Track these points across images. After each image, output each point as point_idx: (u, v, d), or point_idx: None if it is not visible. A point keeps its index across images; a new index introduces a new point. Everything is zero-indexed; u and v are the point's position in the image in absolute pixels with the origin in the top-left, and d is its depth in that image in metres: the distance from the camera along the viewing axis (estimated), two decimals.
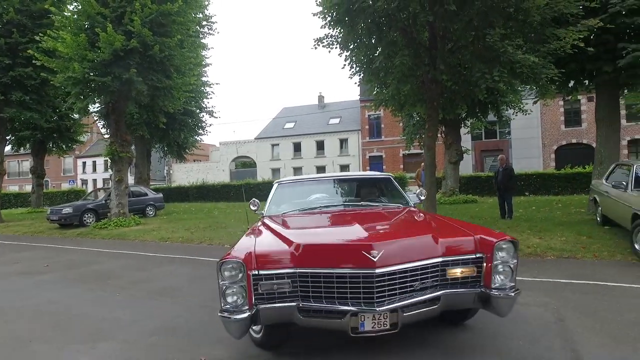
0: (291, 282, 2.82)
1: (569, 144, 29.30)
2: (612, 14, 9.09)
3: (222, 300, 2.84)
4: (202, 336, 3.79)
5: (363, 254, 2.72)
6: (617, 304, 4.21)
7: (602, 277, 5.26)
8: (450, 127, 14.70)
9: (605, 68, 9.81)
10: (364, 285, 2.71)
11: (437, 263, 2.89)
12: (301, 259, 2.83)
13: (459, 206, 14.06)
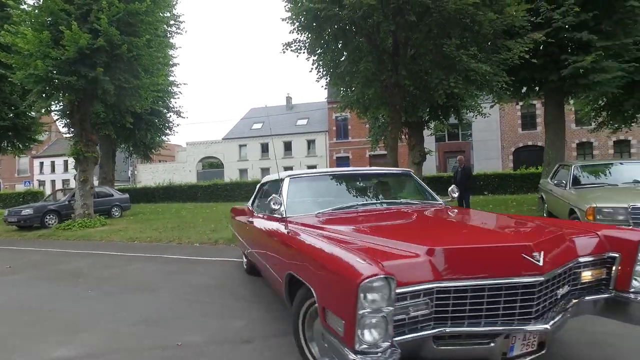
0: (429, 300, 2.12)
1: (525, 146, 30.87)
2: (556, 28, 9.90)
3: (357, 338, 1.94)
4: (178, 325, 4.03)
5: (524, 258, 2.20)
6: None
7: None
8: (414, 129, 15.35)
9: (551, 77, 10.65)
10: (523, 296, 2.19)
11: (576, 265, 2.57)
12: (442, 268, 2.15)
13: None
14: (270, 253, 3.65)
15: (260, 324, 3.91)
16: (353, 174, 4.63)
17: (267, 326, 3.85)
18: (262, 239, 4.14)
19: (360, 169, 4.85)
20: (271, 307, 4.41)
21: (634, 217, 5.84)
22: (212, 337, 3.67)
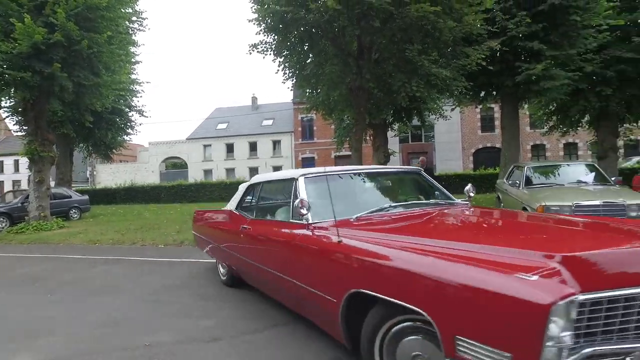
0: (581, 317, 1.78)
1: (485, 147, 32.13)
2: (510, 37, 10.48)
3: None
4: (146, 326, 4.03)
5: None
6: None
7: None
8: (378, 130, 15.71)
9: (507, 83, 11.25)
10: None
11: None
12: (588, 278, 1.82)
13: None
14: (300, 267, 3.14)
15: (230, 323, 3.97)
16: (369, 173, 4.13)
17: (237, 324, 3.93)
18: (278, 250, 3.55)
19: (371, 168, 4.38)
20: (239, 305, 4.48)
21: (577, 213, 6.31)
22: (181, 337, 3.70)
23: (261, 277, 4.03)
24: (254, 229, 4.10)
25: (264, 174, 4.80)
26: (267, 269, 3.75)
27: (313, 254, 2.98)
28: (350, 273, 2.55)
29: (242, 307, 4.44)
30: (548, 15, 10.66)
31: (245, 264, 4.29)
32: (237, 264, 4.61)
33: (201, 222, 5.89)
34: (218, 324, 3.95)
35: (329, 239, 2.87)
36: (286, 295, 3.61)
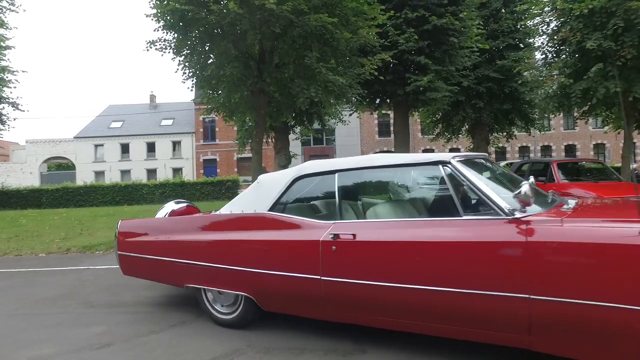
0: None
1: (382, 151, 34.39)
2: (401, 51, 11.53)
3: None
4: (24, 340, 3.73)
5: None
6: None
7: None
8: (280, 133, 16.02)
9: (398, 92, 12.32)
10: None
11: None
12: None
13: None
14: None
15: (122, 327, 3.85)
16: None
17: (130, 328, 3.83)
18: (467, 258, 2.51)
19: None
20: (132, 310, 4.35)
21: None
22: (66, 347, 3.50)
23: (394, 300, 2.78)
24: (367, 235, 2.91)
25: (325, 161, 3.49)
26: (416, 286, 2.64)
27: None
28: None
29: (136, 311, 4.32)
30: (432, 35, 11.93)
31: (342, 288, 2.95)
32: (308, 289, 3.11)
33: (165, 236, 3.94)
34: (110, 330, 3.81)
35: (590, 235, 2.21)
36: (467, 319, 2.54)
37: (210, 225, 3.82)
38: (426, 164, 2.99)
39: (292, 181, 3.44)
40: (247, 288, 3.41)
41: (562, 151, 35.81)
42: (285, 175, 3.58)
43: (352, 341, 3.24)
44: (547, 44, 11.45)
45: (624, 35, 8.62)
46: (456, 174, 2.77)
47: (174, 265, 3.80)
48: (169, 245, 3.86)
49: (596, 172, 10.28)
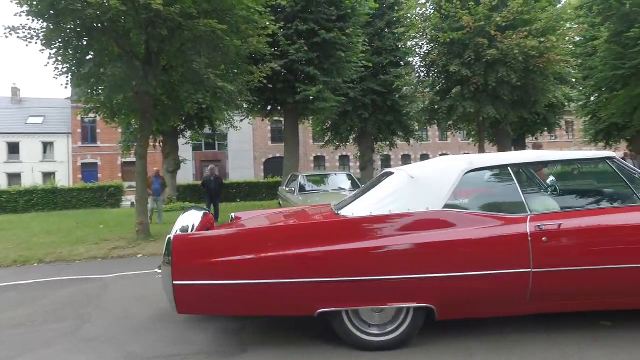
0: None
1: (274, 157, 34.74)
2: (291, 60, 11.95)
3: None
4: None
5: None
6: None
7: None
8: (168, 137, 15.37)
9: (288, 100, 12.72)
10: None
11: None
12: None
13: (176, 213, 14.80)
14: None
15: None
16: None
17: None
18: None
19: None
20: None
21: None
22: None
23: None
24: (571, 224, 3.02)
25: (494, 155, 3.85)
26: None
27: None
28: None
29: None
30: (321, 47, 12.57)
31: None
32: (513, 284, 2.97)
33: (269, 251, 2.95)
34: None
35: None
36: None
37: (356, 231, 3.05)
38: (593, 159, 3.43)
39: (463, 175, 3.17)
40: (428, 297, 2.95)
41: None
42: (451, 169, 3.28)
43: (236, 342, 3.35)
44: (420, 63, 12.89)
45: (475, 64, 10.17)
46: (624, 166, 3.21)
47: (295, 287, 2.92)
48: (288, 261, 2.91)
49: None
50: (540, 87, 11.01)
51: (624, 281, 2.99)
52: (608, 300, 3.09)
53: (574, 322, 3.30)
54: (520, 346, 2.99)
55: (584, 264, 2.94)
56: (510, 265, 2.91)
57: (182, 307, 2.98)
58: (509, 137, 17.32)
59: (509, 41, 9.80)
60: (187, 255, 2.96)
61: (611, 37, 14.46)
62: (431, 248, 2.93)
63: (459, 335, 3.18)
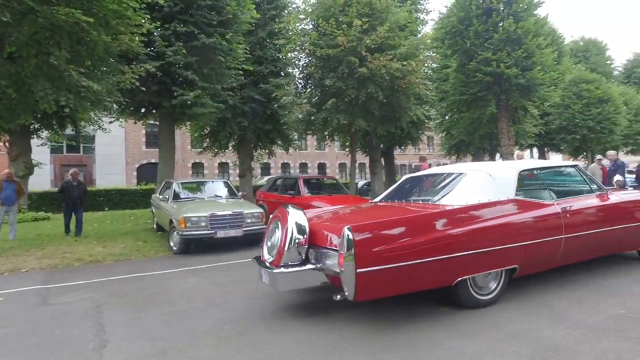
0: None
1: (149, 163, 32.47)
2: (169, 63, 11.42)
3: None
4: None
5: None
6: (143, 285, 5.59)
7: (143, 270, 6.66)
8: (17, 137, 13.36)
9: (165, 103, 12.11)
10: None
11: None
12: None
13: (28, 224, 12.93)
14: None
15: None
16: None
17: None
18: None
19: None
20: None
21: (211, 222, 7.64)
22: None
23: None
24: (577, 205, 4.82)
25: (534, 161, 6.33)
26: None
27: None
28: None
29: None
30: (201, 51, 12.25)
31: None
32: (554, 247, 4.47)
33: (425, 235, 3.69)
34: None
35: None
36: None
37: (472, 216, 3.99)
38: (569, 166, 5.60)
39: (519, 174, 4.63)
40: (515, 260, 4.14)
41: (316, 168, 41.71)
42: (511, 169, 4.73)
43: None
44: (298, 75, 13.39)
45: (348, 79, 10.99)
46: (583, 171, 5.44)
47: (444, 263, 3.68)
48: (439, 242, 3.67)
49: (331, 187, 12.59)
50: (404, 105, 12.34)
51: (600, 240, 4.89)
52: (594, 253, 5.06)
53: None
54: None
55: (584, 230, 4.67)
56: (554, 233, 4.39)
57: (365, 294, 3.42)
58: (378, 149, 18.97)
59: (378, 62, 10.82)
60: (368, 243, 3.39)
61: (458, 67, 16.93)
62: (515, 226, 4.17)
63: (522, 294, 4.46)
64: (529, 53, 15.73)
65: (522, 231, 4.20)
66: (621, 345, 3.10)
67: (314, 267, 3.79)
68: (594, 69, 31.01)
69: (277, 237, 4.05)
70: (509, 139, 17.38)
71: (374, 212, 4.76)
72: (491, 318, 3.75)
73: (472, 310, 3.93)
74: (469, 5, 16.42)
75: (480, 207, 4.08)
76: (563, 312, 3.83)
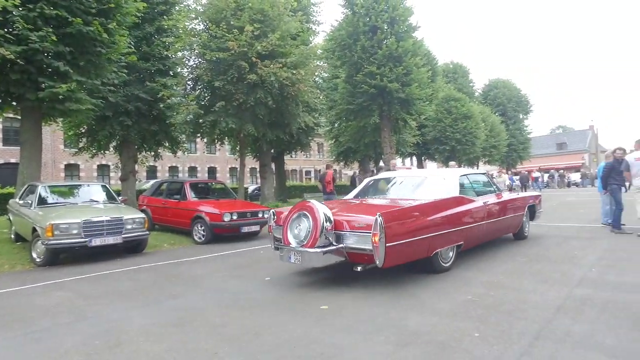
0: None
1: (8, 163, 28.28)
2: (35, 50, 10.12)
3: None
4: None
5: None
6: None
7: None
8: None
9: (29, 96, 10.69)
10: None
11: None
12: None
13: None
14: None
15: None
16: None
17: None
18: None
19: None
20: None
21: (85, 229, 6.99)
22: None
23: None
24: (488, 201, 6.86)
25: (465, 170, 7.94)
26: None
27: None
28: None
29: None
30: (77, 40, 11.07)
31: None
32: (483, 228, 6.51)
33: (421, 220, 5.24)
34: None
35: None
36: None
37: (441, 207, 5.51)
38: (483, 173, 7.87)
39: (460, 178, 6.54)
40: (463, 238, 5.80)
41: (206, 172, 40.41)
42: (454, 174, 6.62)
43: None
44: (187, 76, 12.93)
45: (238, 83, 10.95)
46: (489, 176, 7.95)
47: (427, 240, 5.11)
48: (426, 225, 5.12)
49: (219, 191, 12.35)
50: (293, 112, 12.70)
51: (500, 225, 6.96)
52: (496, 234, 7.17)
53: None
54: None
55: (494, 218, 6.60)
56: (482, 219, 6.25)
57: (392, 261, 4.69)
58: (269, 154, 19.15)
59: (268, 69, 10.98)
60: (393, 224, 4.65)
61: (346, 78, 17.99)
62: (462, 214, 5.80)
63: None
64: (408, 70, 17.38)
65: (465, 218, 5.82)
66: (466, 324, 3.65)
67: (339, 247, 4.91)
68: (460, 89, 35.38)
69: (305, 226, 5.06)
70: (390, 148, 18.93)
71: (375, 204, 5.98)
72: (367, 312, 4.10)
73: (348, 308, 4.26)
74: (357, 21, 17.57)
75: (443, 200, 5.65)
76: (426, 302, 4.36)
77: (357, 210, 5.63)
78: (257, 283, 5.54)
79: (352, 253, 4.93)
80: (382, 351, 3.16)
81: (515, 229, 7.70)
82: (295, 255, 5.02)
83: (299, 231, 5.12)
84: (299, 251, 4.96)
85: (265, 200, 17.10)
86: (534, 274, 5.39)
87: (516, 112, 43.16)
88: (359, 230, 4.83)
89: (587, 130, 62.81)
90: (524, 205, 7.78)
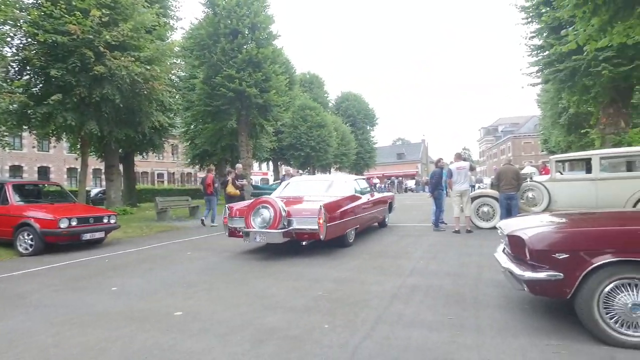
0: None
1: None
2: None
3: None
4: None
5: None
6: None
7: None
8: None
9: None
10: None
11: None
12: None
13: None
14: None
15: None
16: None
17: None
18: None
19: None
20: None
21: None
22: None
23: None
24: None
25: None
26: None
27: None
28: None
29: None
30: None
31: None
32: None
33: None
34: None
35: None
36: None
37: (348, 200, 7.67)
38: (362, 178, 10.45)
39: (354, 180, 9.06)
40: (358, 223, 8.05)
41: (35, 172, 34.57)
42: (350, 178, 9.07)
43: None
44: (11, 57, 10.91)
45: (80, 74, 9.72)
46: (367, 180, 12.27)
47: (343, 223, 7.35)
48: (343, 213, 7.35)
49: (55, 195, 10.73)
50: (145, 110, 11.79)
51: (374, 215, 9.16)
52: (371, 222, 9.30)
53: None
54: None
55: (372, 210, 8.82)
56: (367, 211, 8.43)
57: (327, 237, 6.63)
58: (117, 154, 17.39)
59: (118, 61, 9.98)
60: (329, 214, 6.73)
61: (205, 79, 17.49)
62: (358, 206, 7.80)
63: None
64: (267, 77, 17.72)
65: (359, 209, 7.86)
66: (317, 317, 3.94)
67: (290, 229, 6.59)
68: (316, 99, 37.50)
69: (267, 214, 6.62)
70: (247, 152, 19.02)
71: (308, 199, 7.47)
72: (223, 315, 4.09)
73: (204, 313, 4.17)
74: (218, 22, 17.24)
75: (348, 197, 7.69)
76: (282, 300, 4.54)
77: (298, 203, 7.28)
78: (101, 294, 5.02)
79: (299, 233, 6.62)
80: (238, 351, 3.23)
81: (381, 219, 10.04)
82: (261, 236, 6.54)
83: (262, 219, 6.63)
84: (263, 232, 6.49)
85: (111, 204, 15.40)
86: (376, 268, 6.06)
87: (364, 123, 47.69)
88: (306, 216, 6.57)
89: (420, 143, 73.71)
90: (386, 201, 10.34)
